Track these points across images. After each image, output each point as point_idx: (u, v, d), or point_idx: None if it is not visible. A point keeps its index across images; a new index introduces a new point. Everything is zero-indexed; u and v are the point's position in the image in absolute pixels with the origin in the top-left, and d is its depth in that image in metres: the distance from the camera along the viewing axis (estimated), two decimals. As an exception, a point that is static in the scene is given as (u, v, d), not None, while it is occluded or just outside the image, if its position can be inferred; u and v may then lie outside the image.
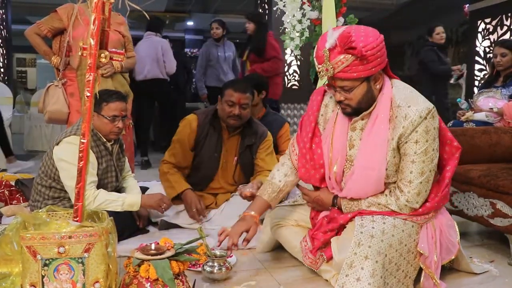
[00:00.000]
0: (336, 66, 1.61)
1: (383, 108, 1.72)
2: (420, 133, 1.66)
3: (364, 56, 1.57)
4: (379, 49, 1.61)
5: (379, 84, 1.72)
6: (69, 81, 3.04)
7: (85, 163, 1.44)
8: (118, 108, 2.24)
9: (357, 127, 1.80)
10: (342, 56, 1.59)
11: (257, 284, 1.87)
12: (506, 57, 3.42)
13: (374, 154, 1.72)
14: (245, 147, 2.65)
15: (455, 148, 1.82)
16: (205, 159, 2.63)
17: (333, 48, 1.60)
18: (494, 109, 3.23)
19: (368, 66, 1.61)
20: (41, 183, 2.29)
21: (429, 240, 1.76)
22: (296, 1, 3.27)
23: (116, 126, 2.25)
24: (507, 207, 2.10)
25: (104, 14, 1.40)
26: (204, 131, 2.61)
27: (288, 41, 3.44)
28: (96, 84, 1.42)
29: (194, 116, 2.65)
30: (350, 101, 1.71)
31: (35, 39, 3.01)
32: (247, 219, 1.93)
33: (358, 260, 1.62)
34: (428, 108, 1.67)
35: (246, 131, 2.66)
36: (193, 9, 10.41)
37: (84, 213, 1.49)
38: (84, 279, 1.44)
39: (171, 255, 1.52)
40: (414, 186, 1.70)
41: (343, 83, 1.67)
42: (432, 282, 1.76)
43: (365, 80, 1.67)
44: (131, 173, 2.66)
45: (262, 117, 3.29)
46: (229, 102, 2.50)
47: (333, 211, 1.87)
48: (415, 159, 1.68)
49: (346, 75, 1.62)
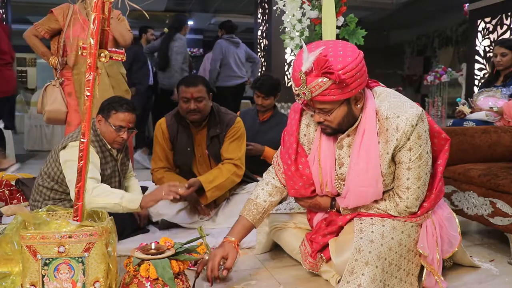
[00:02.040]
0: (314, 90, 1.51)
1: (369, 122, 1.65)
2: (412, 140, 1.62)
3: (342, 80, 1.48)
4: (359, 69, 1.52)
5: (360, 103, 1.64)
6: (66, 80, 3.04)
7: (85, 162, 1.44)
8: (126, 119, 2.22)
9: (344, 144, 1.74)
10: (320, 79, 1.49)
11: (257, 283, 1.87)
12: (506, 57, 3.42)
13: (368, 172, 1.67)
14: (210, 138, 2.65)
15: (443, 140, 1.78)
16: (180, 155, 2.68)
17: (310, 72, 1.49)
18: (494, 109, 3.23)
19: (347, 89, 1.52)
20: (43, 184, 2.29)
21: (429, 239, 1.75)
22: (296, 0, 3.27)
23: (121, 137, 2.23)
24: (507, 206, 2.10)
25: (103, 14, 1.40)
26: (174, 129, 2.66)
27: (288, 41, 3.44)
28: (96, 83, 1.42)
29: (163, 118, 2.71)
30: (330, 123, 1.64)
31: (33, 40, 3.03)
32: (225, 245, 1.80)
33: (359, 266, 1.61)
34: (417, 114, 1.62)
35: (211, 123, 2.66)
36: (193, 8, 10.41)
37: (84, 212, 1.49)
38: (84, 278, 1.44)
39: (171, 254, 1.52)
40: (412, 192, 1.69)
41: (322, 105, 1.59)
42: (434, 279, 1.76)
43: (345, 101, 1.59)
44: (133, 173, 2.66)
45: (269, 118, 3.30)
46: (184, 99, 2.53)
47: (331, 213, 1.86)
48: (411, 165, 1.66)
49: (325, 98, 1.53)
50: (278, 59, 5.47)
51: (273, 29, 5.28)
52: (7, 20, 5.28)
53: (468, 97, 4.27)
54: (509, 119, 3.09)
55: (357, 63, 1.51)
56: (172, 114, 2.70)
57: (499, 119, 3.22)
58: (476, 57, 5.16)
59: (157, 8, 9.84)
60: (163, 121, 2.69)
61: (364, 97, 1.66)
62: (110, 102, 2.25)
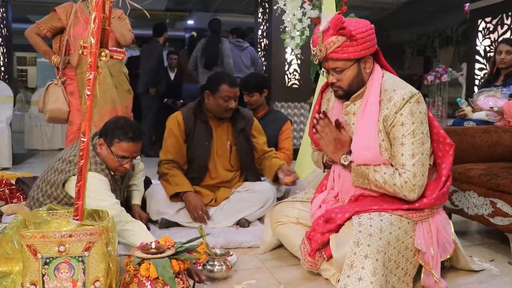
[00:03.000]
0: (329, 47, 1.73)
1: (373, 92, 1.80)
2: (405, 115, 1.72)
3: (353, 36, 1.69)
4: (369, 34, 1.74)
5: (369, 68, 1.82)
6: (68, 79, 3.04)
7: (85, 162, 1.44)
8: (130, 149, 2.07)
9: (349, 111, 1.88)
10: (334, 37, 1.71)
11: (257, 283, 1.87)
12: (511, 55, 3.40)
13: (368, 135, 1.78)
14: (238, 131, 2.74)
15: (448, 146, 1.85)
16: (197, 149, 2.69)
17: (326, 30, 1.73)
18: (495, 108, 3.23)
19: (357, 48, 1.72)
20: (42, 190, 2.22)
21: (425, 236, 1.77)
22: (297, 0, 3.27)
23: (123, 167, 2.12)
24: (507, 206, 2.10)
25: (104, 13, 1.40)
26: (191, 122, 2.69)
27: (289, 40, 3.45)
28: (96, 82, 1.42)
29: (178, 112, 2.75)
30: (341, 83, 1.82)
31: (35, 39, 3.02)
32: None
33: (358, 259, 1.62)
34: (412, 92, 1.74)
35: (235, 117, 2.75)
36: (194, 8, 10.40)
37: (84, 212, 1.49)
38: (84, 277, 1.44)
39: (171, 254, 1.52)
40: (408, 168, 1.73)
41: (335, 64, 1.78)
42: (432, 279, 1.77)
43: (355, 62, 1.77)
44: (141, 167, 2.64)
45: (265, 115, 3.30)
46: (226, 98, 2.60)
47: (328, 211, 1.86)
48: (404, 141, 1.73)
49: (337, 55, 1.74)
50: (278, 58, 5.47)
51: (274, 29, 5.27)
52: (8, 19, 5.27)
53: (469, 97, 4.27)
54: (510, 119, 3.09)
55: (368, 29, 1.74)
56: (190, 107, 2.74)
57: (500, 119, 3.22)
58: (477, 57, 5.15)
59: (158, 8, 9.83)
60: (178, 114, 2.72)
61: (373, 64, 1.84)
62: (115, 127, 2.09)
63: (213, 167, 2.72)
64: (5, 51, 5.28)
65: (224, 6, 9.81)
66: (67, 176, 2.10)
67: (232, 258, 2.02)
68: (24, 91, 9.86)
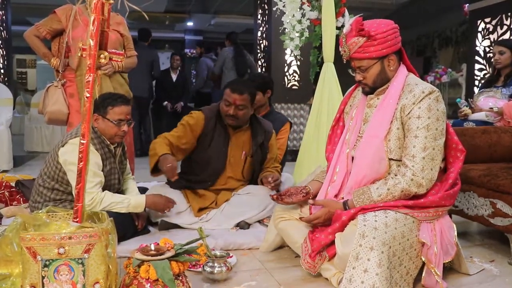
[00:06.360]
0: (351, 47, 1.85)
1: (395, 87, 1.89)
2: (422, 109, 1.79)
3: (372, 36, 1.80)
4: (389, 33, 1.83)
5: (392, 66, 1.90)
6: (68, 82, 3.03)
7: (85, 163, 1.44)
8: (123, 112, 2.27)
9: (372, 105, 1.97)
10: (355, 38, 1.83)
11: (257, 284, 1.87)
12: (504, 55, 3.43)
13: (380, 125, 1.87)
14: (258, 145, 2.71)
15: (459, 152, 1.91)
16: (214, 153, 2.65)
17: (349, 32, 1.85)
18: (494, 109, 3.23)
19: (378, 47, 1.83)
20: (43, 185, 2.29)
21: (429, 232, 1.79)
22: (296, 1, 3.27)
23: (122, 130, 2.28)
24: (507, 207, 2.10)
25: (103, 15, 1.40)
26: (211, 125, 2.64)
27: (288, 41, 3.45)
28: (95, 85, 1.42)
29: (200, 111, 2.69)
30: (367, 80, 1.92)
31: (34, 41, 3.00)
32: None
33: (364, 251, 1.63)
34: (432, 88, 1.83)
35: (257, 129, 2.72)
36: (193, 9, 10.39)
37: (84, 214, 1.49)
38: (84, 279, 1.44)
39: (171, 255, 1.52)
40: (418, 161, 1.77)
41: (360, 63, 1.89)
42: (434, 279, 1.77)
43: (378, 60, 1.87)
44: (131, 175, 2.66)
45: (265, 116, 3.30)
46: (226, 102, 2.57)
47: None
48: (418, 133, 1.78)
49: (360, 55, 1.85)
50: (278, 59, 5.47)
51: (273, 30, 5.27)
52: (7, 21, 5.27)
53: (468, 97, 4.27)
54: (509, 119, 3.09)
55: (388, 29, 1.83)
56: (213, 110, 2.69)
57: (499, 119, 3.22)
58: (476, 57, 5.15)
59: (157, 9, 9.82)
60: (200, 113, 2.67)
61: (397, 63, 1.92)
62: (103, 99, 2.28)
63: (224, 175, 2.70)
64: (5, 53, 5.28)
65: (224, 7, 9.81)
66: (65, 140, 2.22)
67: (232, 260, 2.02)
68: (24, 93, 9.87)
